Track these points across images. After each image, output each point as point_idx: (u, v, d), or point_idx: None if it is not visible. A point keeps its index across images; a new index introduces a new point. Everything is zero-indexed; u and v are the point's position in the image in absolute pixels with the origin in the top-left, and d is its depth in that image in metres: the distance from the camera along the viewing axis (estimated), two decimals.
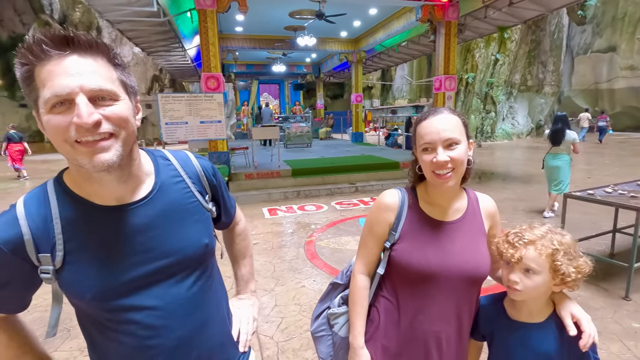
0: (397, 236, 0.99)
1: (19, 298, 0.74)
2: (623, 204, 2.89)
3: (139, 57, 17.98)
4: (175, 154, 0.86)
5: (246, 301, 1.06)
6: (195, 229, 0.81)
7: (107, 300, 0.71)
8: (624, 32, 19.41)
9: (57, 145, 0.64)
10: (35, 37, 0.59)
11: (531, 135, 19.32)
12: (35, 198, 0.71)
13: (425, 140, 0.93)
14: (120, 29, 8.24)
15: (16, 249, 0.67)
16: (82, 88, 0.60)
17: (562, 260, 0.87)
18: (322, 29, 10.25)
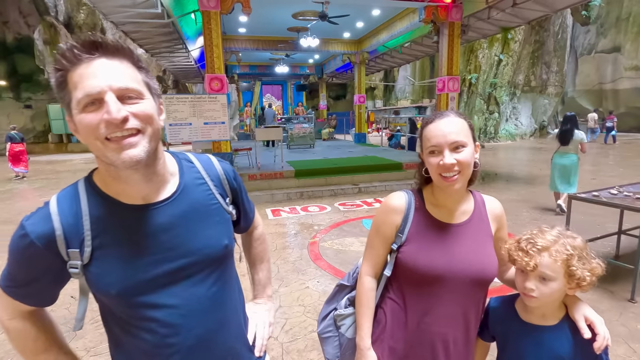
0: (403, 238, 1.00)
1: (49, 292, 0.78)
2: (629, 205, 2.88)
3: (142, 59, 18.01)
4: (198, 157, 0.89)
5: (262, 306, 1.06)
6: (216, 230, 0.83)
7: (131, 297, 0.74)
8: (629, 32, 19.29)
9: (89, 143, 0.67)
10: (68, 43, 0.64)
11: (534, 136, 19.24)
12: (68, 196, 0.74)
13: (431, 143, 0.94)
14: (125, 31, 8.29)
15: (49, 243, 0.70)
16: (111, 87, 0.64)
17: (577, 265, 0.88)
18: (325, 30, 10.27)
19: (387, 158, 8.82)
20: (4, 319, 0.78)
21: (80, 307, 0.77)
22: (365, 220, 5.19)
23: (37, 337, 0.79)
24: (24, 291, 0.75)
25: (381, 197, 6.61)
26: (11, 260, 0.73)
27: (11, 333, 0.78)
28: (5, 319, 0.78)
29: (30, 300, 0.77)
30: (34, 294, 0.76)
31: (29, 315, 0.79)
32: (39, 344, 0.79)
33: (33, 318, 0.79)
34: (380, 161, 8.44)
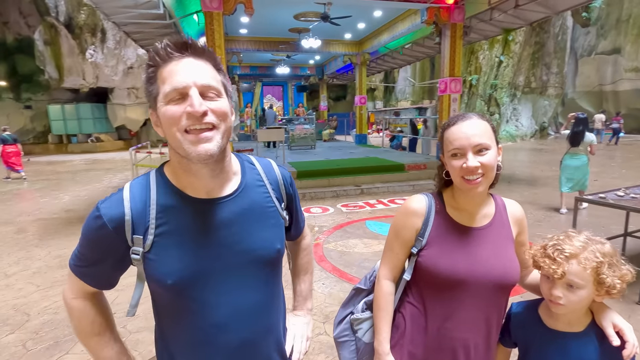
0: (424, 242, 0.98)
1: (110, 275, 0.81)
2: (636, 207, 2.87)
3: (143, 59, 18.02)
4: (259, 160, 0.92)
5: (302, 318, 1.05)
6: (271, 233, 0.85)
7: (185, 289, 0.76)
8: (629, 33, 19.32)
9: (169, 134, 0.72)
10: (163, 42, 0.71)
11: (535, 137, 19.26)
12: (140, 184, 0.79)
13: (454, 145, 0.92)
14: (126, 31, 8.28)
15: (118, 227, 0.74)
16: (195, 83, 0.70)
17: (608, 273, 0.85)
18: (326, 31, 10.27)
19: (388, 159, 8.81)
20: (69, 297, 0.82)
21: (135, 294, 0.80)
22: (369, 222, 5.17)
23: (94, 319, 0.83)
24: (89, 271, 0.79)
25: (384, 198, 6.59)
26: (82, 240, 0.78)
27: (73, 311, 0.82)
28: (71, 297, 0.82)
29: (93, 282, 0.80)
30: (97, 275, 0.80)
31: (91, 296, 0.83)
32: (95, 327, 0.83)
33: (94, 300, 0.84)
34: (382, 162, 8.43)
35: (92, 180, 9.35)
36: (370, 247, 4.17)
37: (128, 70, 17.92)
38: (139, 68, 18.29)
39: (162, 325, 0.83)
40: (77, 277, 0.80)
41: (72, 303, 0.82)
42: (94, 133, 18.33)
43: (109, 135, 19.12)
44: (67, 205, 6.67)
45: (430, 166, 8.18)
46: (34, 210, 6.36)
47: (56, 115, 17.49)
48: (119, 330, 0.82)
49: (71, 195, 7.49)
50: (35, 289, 3.31)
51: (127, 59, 17.66)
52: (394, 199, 6.49)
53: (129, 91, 18.43)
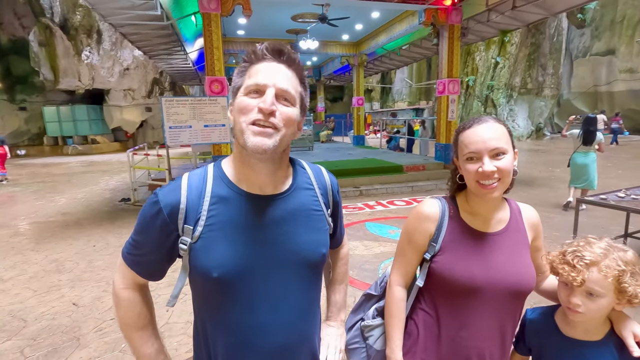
0: (437, 247, 0.96)
1: (161, 265, 0.82)
2: (637, 209, 2.87)
3: (139, 60, 17.95)
4: (310, 165, 0.94)
5: (335, 330, 1.03)
6: (317, 237, 0.85)
7: (230, 283, 0.76)
8: (623, 35, 19.49)
9: (237, 121, 0.76)
10: (264, 45, 0.78)
11: (531, 138, 19.36)
12: (197, 175, 0.81)
13: (470, 149, 0.90)
14: (123, 32, 8.22)
15: (172, 214, 0.76)
16: (275, 85, 0.75)
17: (630, 282, 0.82)
18: (324, 32, 10.26)
19: (387, 160, 8.81)
20: (120, 287, 0.83)
21: (178, 284, 0.80)
22: (369, 223, 5.16)
23: (140, 312, 0.84)
24: (142, 260, 0.81)
25: (383, 199, 6.58)
26: (138, 227, 0.80)
27: (122, 302, 0.83)
28: (121, 287, 0.83)
29: (144, 271, 0.82)
30: (149, 264, 0.81)
31: (140, 288, 0.85)
32: (140, 319, 0.84)
33: (142, 292, 0.85)
34: (380, 164, 8.42)
35: (89, 183, 9.27)
36: (371, 249, 4.15)
37: (124, 71, 17.82)
38: (135, 69, 18.20)
39: (203, 320, 0.83)
40: (129, 267, 0.81)
41: (122, 293, 0.83)
42: (90, 135, 18.21)
43: (105, 137, 18.99)
44: (63, 208, 6.60)
45: (428, 167, 8.19)
46: (30, 213, 6.28)
47: (51, 116, 17.35)
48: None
49: (67, 198, 7.42)
50: (31, 294, 3.26)
51: (124, 61, 17.57)
52: (393, 200, 6.48)
53: (125, 92, 18.33)
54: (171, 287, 0.84)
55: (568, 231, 4.16)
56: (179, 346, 2.44)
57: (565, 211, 5.44)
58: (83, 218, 5.86)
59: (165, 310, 2.85)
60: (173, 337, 2.53)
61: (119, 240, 4.67)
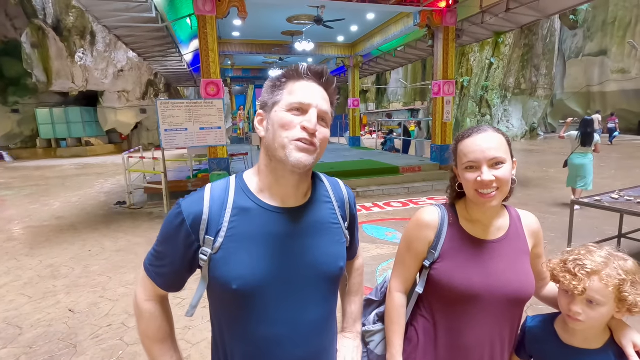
0: (437, 255, 0.97)
1: (181, 277, 0.83)
2: (632, 210, 2.91)
3: (133, 62, 17.83)
4: (328, 178, 0.96)
5: (352, 342, 1.03)
6: (335, 250, 0.86)
7: (249, 296, 0.77)
8: (615, 36, 19.74)
9: (277, 136, 0.76)
10: (306, 65, 0.80)
11: (525, 138, 19.51)
12: (220, 186, 0.82)
13: (469, 158, 0.91)
14: (117, 35, 8.17)
15: (195, 224, 0.77)
16: (318, 106, 0.78)
17: (630, 291, 0.83)
18: (319, 34, 10.27)
19: (383, 162, 8.83)
20: (142, 299, 0.84)
21: (197, 294, 0.80)
22: (366, 226, 5.17)
23: (161, 324, 0.84)
24: (164, 271, 0.81)
25: (379, 201, 6.60)
26: (161, 238, 0.81)
27: (144, 314, 0.84)
28: (143, 299, 0.84)
29: (166, 283, 0.83)
30: (171, 275, 0.82)
31: (162, 300, 0.86)
32: (161, 332, 0.84)
33: (163, 304, 0.86)
34: (376, 165, 8.44)
35: (83, 186, 9.19)
36: (369, 251, 4.16)
37: (119, 73, 17.70)
38: (129, 71, 18.08)
39: (222, 331, 0.84)
40: (151, 279, 0.82)
41: (144, 305, 0.83)
42: (84, 137, 18.05)
43: (99, 139, 18.84)
44: (57, 212, 6.53)
45: (424, 168, 8.22)
46: (24, 217, 6.22)
47: (44, 119, 17.18)
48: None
49: (62, 202, 7.35)
50: (27, 300, 3.23)
51: (118, 62, 17.44)
52: (390, 202, 6.50)
53: (120, 94, 18.21)
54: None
55: (563, 232, 4.20)
56: None
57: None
58: (78, 222, 5.81)
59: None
60: None
61: (114, 245, 4.64)
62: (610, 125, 15.88)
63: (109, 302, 3.13)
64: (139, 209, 6.59)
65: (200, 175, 7.43)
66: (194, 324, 2.72)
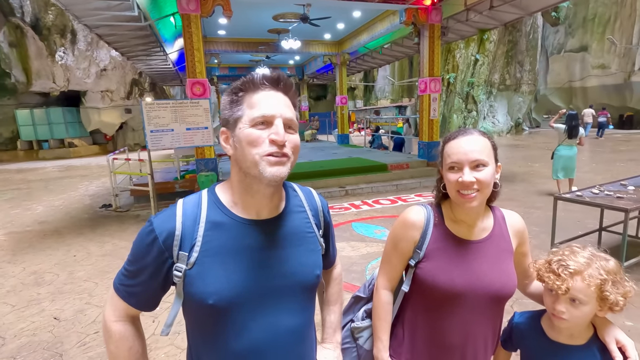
0: (422, 254, 0.99)
1: (154, 296, 0.81)
2: (611, 205, 2.99)
3: (117, 61, 17.46)
4: (301, 188, 0.96)
5: (332, 352, 1.02)
6: (310, 259, 0.86)
7: (225, 310, 0.76)
8: (595, 32, 20.22)
9: (246, 153, 0.75)
10: (259, 74, 0.78)
11: (511, 133, 19.85)
12: (192, 201, 0.81)
13: (452, 159, 0.93)
14: (99, 34, 7.99)
15: (167, 240, 0.75)
16: (282, 115, 0.76)
17: (611, 290, 0.86)
18: (306, 32, 10.23)
19: (372, 159, 8.87)
20: (111, 320, 0.81)
21: (172, 312, 0.79)
22: (355, 224, 5.19)
23: (132, 345, 0.82)
24: (135, 290, 0.79)
25: (368, 199, 6.64)
26: (132, 257, 0.79)
27: (113, 335, 0.81)
28: (112, 320, 0.81)
29: (138, 302, 0.81)
30: (143, 294, 0.80)
31: (132, 320, 0.83)
32: (132, 353, 0.81)
33: (134, 324, 0.84)
34: (365, 163, 8.48)
35: (67, 189, 8.98)
36: (358, 250, 4.19)
37: (101, 72, 17.32)
38: (112, 70, 17.71)
39: (197, 349, 0.83)
40: (122, 299, 0.80)
41: (113, 327, 0.81)
42: (67, 138, 17.63)
43: (83, 140, 18.43)
44: (40, 216, 6.38)
45: (412, 165, 8.30)
46: (5, 222, 6.05)
47: (25, 120, 16.71)
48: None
49: (45, 206, 7.17)
50: (10, 309, 3.15)
51: (100, 61, 17.06)
52: (379, 199, 6.54)
53: (103, 94, 17.83)
54: None
55: (548, 226, 4.30)
56: (167, 357, 2.41)
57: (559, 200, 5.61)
58: (62, 226, 5.68)
59: (151, 321, 2.80)
60: (160, 349, 2.49)
61: (100, 249, 4.56)
62: (602, 119, 16.27)
63: (95, 309, 3.08)
64: (126, 211, 6.48)
65: (187, 176, 7.35)
66: (183, 329, 2.69)
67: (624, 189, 3.51)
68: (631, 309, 2.77)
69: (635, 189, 3.49)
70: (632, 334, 2.49)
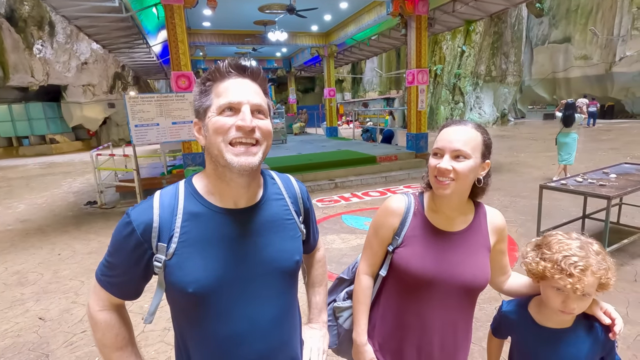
0: (400, 241, 1.02)
1: (136, 285, 0.82)
2: (594, 193, 3.06)
3: (98, 54, 16.96)
4: (279, 175, 0.96)
5: (318, 331, 1.05)
6: (289, 245, 0.88)
7: (205, 298, 0.77)
8: (577, 23, 20.53)
9: (213, 142, 0.75)
10: (225, 63, 0.78)
11: (497, 124, 20.13)
12: (169, 192, 0.82)
13: (437, 145, 0.96)
14: (78, 25, 7.71)
15: (145, 233, 0.76)
16: (249, 101, 0.76)
17: (610, 277, 0.90)
18: (292, 23, 10.10)
19: (361, 152, 8.89)
20: (95, 310, 0.83)
21: (154, 301, 0.80)
22: (345, 216, 5.21)
23: (118, 332, 0.83)
24: (117, 281, 0.81)
25: (358, 191, 6.66)
26: (111, 249, 0.80)
27: (99, 324, 0.82)
28: (96, 309, 0.83)
29: (120, 292, 0.82)
30: (125, 285, 0.81)
31: (116, 308, 0.85)
32: (119, 340, 0.83)
33: (119, 312, 0.85)
34: (354, 155, 8.49)
35: (50, 186, 8.75)
36: (348, 242, 4.20)
37: (82, 66, 16.81)
38: (94, 64, 17.21)
39: (182, 335, 0.85)
40: (104, 289, 0.82)
41: (98, 316, 0.83)
42: (48, 134, 17.12)
43: (65, 136, 17.93)
44: (22, 215, 6.20)
45: (400, 157, 8.34)
46: None
47: (3, 116, 16.15)
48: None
49: (27, 204, 6.97)
50: None
51: (81, 54, 16.54)
52: (368, 192, 6.57)
53: (85, 88, 17.32)
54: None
55: (533, 214, 4.39)
56: (157, 354, 2.38)
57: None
58: (45, 225, 5.54)
59: (140, 319, 2.76)
60: (150, 346, 2.46)
61: (86, 247, 4.46)
62: (592, 109, 16.63)
63: (82, 308, 3.02)
64: (111, 208, 6.35)
65: (175, 171, 7.24)
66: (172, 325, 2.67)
67: (606, 177, 3.60)
68: (613, 293, 2.86)
69: (616, 176, 3.58)
70: None
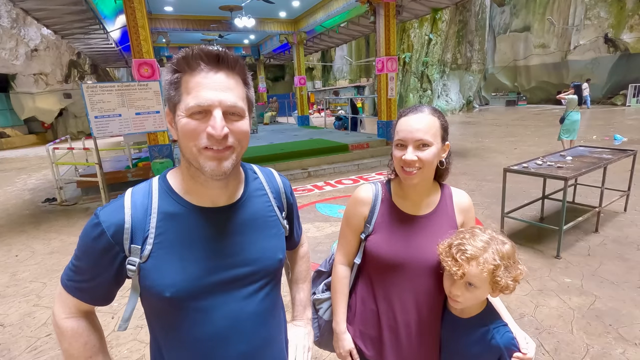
0: (371, 228, 1.05)
1: (107, 290, 0.77)
2: (552, 174, 3.25)
3: (50, 40, 15.75)
4: (261, 170, 0.92)
5: (302, 329, 1.03)
6: (272, 243, 0.84)
7: (184, 301, 0.73)
8: (536, 13, 21.40)
9: (185, 146, 0.70)
10: (194, 51, 0.67)
11: (463, 111, 20.79)
12: (142, 190, 0.76)
13: (399, 136, 0.98)
14: (24, 8, 7.10)
15: (116, 235, 0.70)
16: (221, 103, 0.67)
17: (502, 275, 0.89)
18: (260, 9, 9.83)
19: (333, 140, 8.90)
20: (61, 317, 0.77)
21: (129, 307, 0.76)
22: (319, 205, 5.23)
23: (87, 340, 0.77)
24: (85, 286, 0.75)
25: (331, 179, 6.69)
26: (78, 252, 0.74)
27: (65, 332, 0.76)
28: (62, 317, 0.77)
29: (90, 297, 0.76)
30: (94, 290, 0.76)
31: (85, 315, 0.79)
32: (88, 348, 0.77)
33: (88, 319, 0.79)
34: (326, 144, 8.49)
35: (2, 183, 8.13)
36: (323, 230, 4.23)
37: (32, 53, 15.56)
38: (45, 51, 15.98)
39: (158, 340, 0.80)
40: (71, 295, 0.76)
41: (64, 324, 0.76)
42: None
43: (17, 129, 16.67)
44: None
45: (372, 145, 8.44)
46: None
47: None
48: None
49: None
50: None
51: (30, 40, 15.29)
52: (341, 180, 6.62)
53: (37, 77, 16.10)
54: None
55: (498, 197, 4.61)
56: (130, 353, 2.31)
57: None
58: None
59: (110, 318, 2.66)
60: (122, 345, 2.39)
61: (47, 247, 4.21)
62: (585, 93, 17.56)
63: (45, 310, 2.86)
64: (73, 204, 6.02)
65: (140, 164, 6.94)
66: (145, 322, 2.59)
67: (563, 159, 3.82)
68: (569, 267, 3.08)
69: (572, 159, 3.81)
70: (571, 289, 2.77)
